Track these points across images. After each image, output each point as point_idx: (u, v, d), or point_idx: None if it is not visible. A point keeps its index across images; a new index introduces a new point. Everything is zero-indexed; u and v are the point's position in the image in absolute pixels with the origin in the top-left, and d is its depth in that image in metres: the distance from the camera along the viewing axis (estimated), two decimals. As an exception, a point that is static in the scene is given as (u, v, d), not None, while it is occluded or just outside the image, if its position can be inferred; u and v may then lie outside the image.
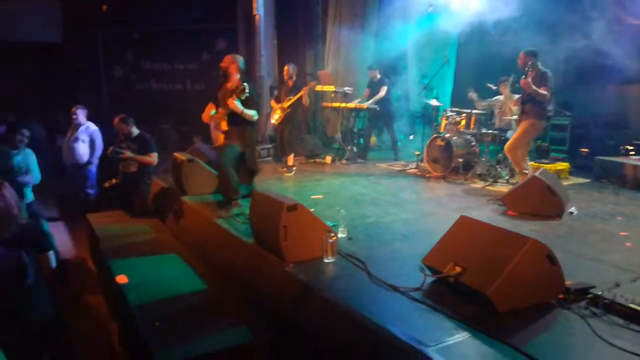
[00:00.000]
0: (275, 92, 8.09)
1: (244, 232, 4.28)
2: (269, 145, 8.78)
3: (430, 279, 3.08)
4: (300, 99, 7.25)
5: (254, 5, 9.71)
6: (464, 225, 3.29)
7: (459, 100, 7.88)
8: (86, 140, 7.02)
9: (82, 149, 7.00)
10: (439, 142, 6.75)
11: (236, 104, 4.82)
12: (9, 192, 2.88)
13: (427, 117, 8.01)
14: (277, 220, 3.49)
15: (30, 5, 12.27)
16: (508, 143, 5.87)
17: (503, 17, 6.41)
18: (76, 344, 3.86)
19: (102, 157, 7.11)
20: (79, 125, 7.07)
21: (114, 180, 6.34)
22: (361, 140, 8.52)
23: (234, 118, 4.93)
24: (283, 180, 6.78)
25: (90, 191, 7.14)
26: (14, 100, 10.85)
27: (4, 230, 2.80)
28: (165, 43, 12.28)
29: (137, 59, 13.00)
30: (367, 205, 5.23)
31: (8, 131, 5.59)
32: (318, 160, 8.40)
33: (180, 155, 5.97)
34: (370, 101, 8.05)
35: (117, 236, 5.10)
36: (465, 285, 2.85)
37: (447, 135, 6.79)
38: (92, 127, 7.13)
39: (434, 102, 7.62)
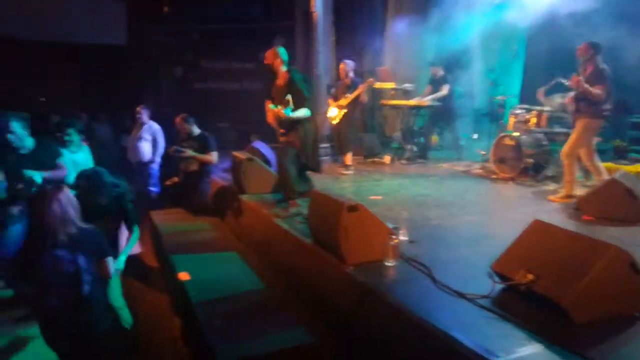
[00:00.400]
0: (332, 90, 8.00)
1: (303, 232, 4.22)
2: (327, 145, 8.70)
3: (499, 286, 2.90)
4: (358, 96, 7.11)
5: (312, 3, 9.67)
6: (538, 229, 3.06)
7: (528, 96, 7.45)
8: (149, 139, 7.24)
9: (145, 148, 7.22)
10: (507, 141, 6.40)
11: (284, 114, 4.76)
12: (65, 196, 2.91)
13: (494, 115, 7.64)
14: (337, 220, 3.40)
15: (96, 9, 12.86)
16: (564, 147, 5.41)
17: (578, 9, 5.98)
18: (140, 339, 3.97)
19: (164, 156, 7.31)
20: (142, 124, 7.30)
21: (175, 179, 6.47)
22: (422, 139, 8.26)
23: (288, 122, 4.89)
24: (341, 180, 6.69)
25: (153, 189, 7.36)
26: (81, 100, 11.40)
27: (61, 234, 2.82)
28: (223, 42, 12.53)
29: (196, 59, 13.34)
30: (429, 207, 5.03)
31: (54, 130, 5.76)
32: (376, 159, 8.24)
33: (240, 155, 6.01)
34: (432, 97, 7.79)
35: (179, 233, 5.19)
36: (538, 294, 2.66)
37: (515, 133, 6.43)
38: (155, 126, 7.34)
39: (501, 99, 7.26)
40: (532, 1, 6.70)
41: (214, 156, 6.18)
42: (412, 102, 7.91)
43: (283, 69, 4.97)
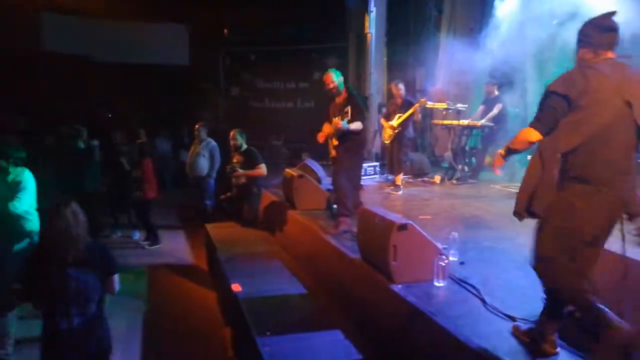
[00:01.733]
0: (384, 110, 8.06)
1: (351, 249, 4.27)
2: (375, 163, 8.75)
3: (553, 313, 2.82)
4: (410, 116, 7.12)
5: (366, 24, 9.84)
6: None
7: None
8: (207, 155, 7.55)
9: (203, 163, 7.54)
10: (561, 164, 6.22)
11: (342, 125, 4.87)
12: (72, 211, 2.70)
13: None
14: (386, 239, 3.43)
15: (161, 31, 13.65)
16: None
17: (640, 26, 5.76)
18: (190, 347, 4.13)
19: (220, 171, 7.60)
20: (201, 140, 7.63)
21: (229, 194, 6.84)
22: (473, 160, 8.14)
23: (341, 133, 4.99)
24: (390, 199, 6.69)
25: (208, 202, 7.64)
26: (145, 117, 12.02)
27: (68, 251, 2.64)
28: (279, 63, 12.91)
29: (252, 79, 13.82)
30: (480, 229, 4.95)
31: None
32: (426, 179, 8.19)
33: (291, 171, 6.16)
34: (485, 119, 7.69)
35: (232, 245, 5.37)
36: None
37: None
38: (212, 142, 7.65)
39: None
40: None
41: (262, 168, 6.47)
42: (465, 122, 7.83)
43: (341, 87, 5.09)
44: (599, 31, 2.45)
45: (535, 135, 2.58)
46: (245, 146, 6.71)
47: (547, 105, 2.48)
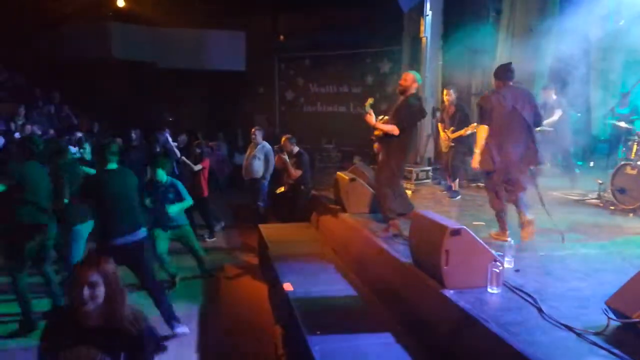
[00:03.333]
0: (438, 114, 7.96)
1: (402, 253, 4.26)
2: (428, 168, 8.64)
3: (614, 324, 2.71)
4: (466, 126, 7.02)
5: (421, 28, 9.75)
6: (662, 267, 2.84)
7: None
8: (262, 157, 7.75)
9: (258, 166, 7.74)
10: (629, 171, 5.89)
11: (370, 118, 4.95)
12: (111, 269, 2.06)
13: (614, 141, 7.08)
14: (438, 243, 3.41)
15: (220, 38, 14.14)
16: None
17: None
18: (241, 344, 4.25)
19: (274, 174, 7.80)
20: (256, 144, 7.84)
21: (282, 188, 7.36)
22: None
23: (383, 136, 5.01)
24: (443, 204, 6.60)
25: (262, 204, 7.84)
26: (203, 121, 12.49)
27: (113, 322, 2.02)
28: (332, 67, 13.02)
29: (306, 83, 14.02)
30: (537, 236, 4.78)
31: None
32: (480, 185, 7.99)
33: (343, 175, 6.22)
34: (545, 123, 7.41)
35: (284, 246, 5.48)
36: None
37: (639, 162, 5.92)
38: (267, 146, 7.84)
39: (623, 125, 6.71)
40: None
41: (297, 173, 7.09)
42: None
43: (409, 91, 5.06)
44: (505, 71, 4.69)
45: (485, 129, 4.56)
46: (296, 149, 7.20)
47: (483, 112, 4.58)
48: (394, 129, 4.85)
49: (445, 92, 7.31)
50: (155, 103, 12.95)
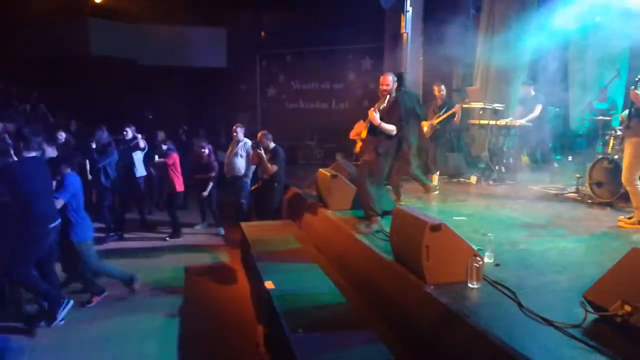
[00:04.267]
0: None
1: (384, 249, 4.27)
2: (411, 163, 8.67)
3: (592, 316, 2.75)
4: (450, 116, 7.09)
5: (402, 24, 9.77)
6: (637, 258, 2.87)
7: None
8: (244, 155, 7.70)
9: (240, 163, 7.69)
10: (606, 165, 6.00)
11: (375, 116, 4.89)
12: None
13: (592, 136, 7.19)
14: (419, 239, 3.42)
15: (201, 35, 13.99)
16: (623, 174, 5.00)
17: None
18: (223, 342, 4.21)
19: (255, 172, 7.75)
20: (238, 141, 7.77)
21: (257, 185, 7.32)
22: (510, 160, 7.96)
23: (373, 128, 5.00)
24: (424, 200, 6.62)
25: (244, 201, 7.78)
26: (184, 118, 12.35)
27: None
28: (314, 64, 12.98)
29: (288, 80, 13.95)
30: (517, 231, 4.85)
31: None
32: (462, 179, 8.07)
33: (325, 171, 6.20)
34: (524, 120, 7.51)
35: (266, 244, 5.45)
36: (635, 328, 2.49)
37: (615, 156, 6.02)
38: (249, 143, 7.78)
39: (601, 119, 6.82)
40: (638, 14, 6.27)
41: (273, 169, 6.98)
42: (502, 121, 7.67)
43: (392, 92, 5.12)
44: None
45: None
46: (272, 145, 7.11)
47: None
48: (391, 129, 4.90)
49: (436, 88, 7.40)
50: (135, 100, 12.76)
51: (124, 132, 7.73)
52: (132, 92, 12.89)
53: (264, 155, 6.94)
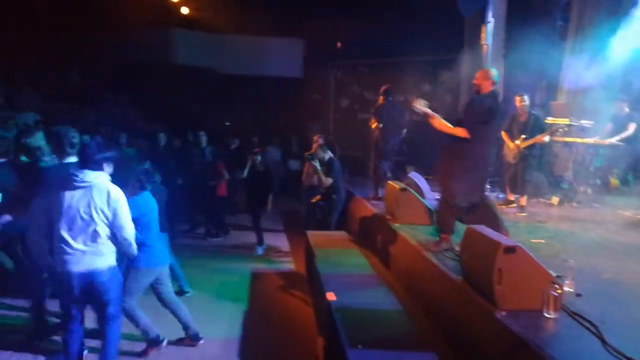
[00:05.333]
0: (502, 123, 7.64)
1: (453, 269, 4.08)
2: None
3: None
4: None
5: (482, 35, 9.45)
6: None
7: None
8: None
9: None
10: None
11: (434, 119, 4.56)
12: None
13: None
14: (491, 261, 3.22)
15: (278, 45, 14.36)
16: None
17: None
18: (282, 351, 4.20)
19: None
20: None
21: (318, 197, 7.18)
22: (598, 181, 7.37)
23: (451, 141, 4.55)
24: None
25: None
26: (258, 126, 12.67)
27: None
28: (389, 75, 12.80)
29: (361, 91, 13.92)
30: (602, 258, 4.46)
31: None
32: (542, 200, 7.58)
33: (394, 184, 6.08)
34: (615, 139, 6.94)
35: (330, 254, 5.39)
36: None
37: None
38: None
39: None
40: None
41: (327, 181, 6.74)
42: (590, 140, 7.13)
43: (487, 88, 4.54)
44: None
45: None
46: (328, 156, 6.96)
47: None
48: (462, 132, 4.38)
49: (518, 98, 6.95)
50: (213, 108, 13.32)
51: (199, 138, 8.05)
52: (210, 100, 13.47)
53: (318, 167, 6.82)
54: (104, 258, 3.35)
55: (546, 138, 6.73)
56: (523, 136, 6.70)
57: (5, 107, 9.24)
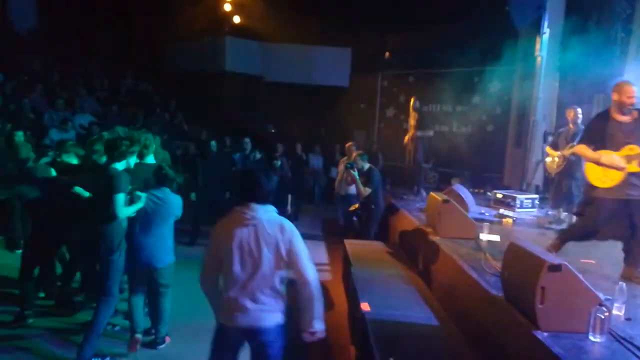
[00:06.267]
0: (551, 138, 7.33)
1: (493, 285, 3.90)
2: (534, 195, 7.98)
3: None
4: None
5: (537, 46, 9.15)
6: None
7: None
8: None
9: (355, 183, 7.67)
10: None
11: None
12: None
13: None
14: (534, 279, 3.06)
15: (325, 54, 14.46)
16: None
17: None
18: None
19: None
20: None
21: (356, 206, 7.21)
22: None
23: None
24: (547, 236, 6.00)
25: (355, 218, 7.73)
26: (303, 134, 12.76)
27: None
28: (437, 86, 12.61)
29: (408, 101, 13.73)
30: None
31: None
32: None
33: (437, 196, 5.93)
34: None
35: (367, 264, 5.32)
36: None
37: None
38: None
39: None
40: None
41: (366, 191, 6.77)
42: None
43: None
44: None
45: None
46: (367, 166, 6.96)
47: None
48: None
49: (571, 111, 6.66)
50: (260, 114, 13.54)
51: (244, 144, 8.18)
52: (256, 107, 13.71)
53: (357, 176, 6.80)
54: (273, 313, 2.87)
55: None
56: (570, 145, 6.38)
57: (64, 110, 9.72)
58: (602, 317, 2.88)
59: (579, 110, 6.65)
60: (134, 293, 4.20)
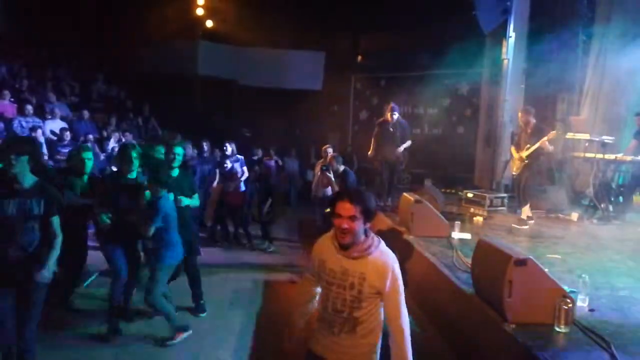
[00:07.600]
0: (515, 139, 7.58)
1: (465, 281, 4.04)
2: (503, 195, 8.22)
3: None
4: (540, 147, 6.60)
5: (503, 50, 9.43)
6: None
7: None
8: (331, 176, 7.74)
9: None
10: None
11: None
12: None
13: None
14: (501, 273, 3.20)
15: (299, 58, 14.53)
16: None
17: None
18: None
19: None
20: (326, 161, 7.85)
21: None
22: (620, 199, 7.23)
23: None
24: (515, 234, 6.22)
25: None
26: (277, 137, 12.78)
27: None
28: (409, 88, 12.85)
29: (381, 103, 13.93)
30: (618, 276, 4.37)
31: None
32: (561, 216, 7.47)
33: (409, 196, 6.07)
34: (640, 155, 6.81)
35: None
36: None
37: None
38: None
39: None
40: None
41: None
42: (611, 156, 7.01)
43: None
44: None
45: None
46: (342, 168, 7.08)
47: None
48: None
49: (520, 113, 6.92)
50: (235, 118, 13.51)
51: (224, 148, 8.12)
52: (231, 111, 13.67)
53: (332, 178, 6.91)
54: None
55: (550, 147, 6.64)
56: (527, 146, 6.63)
57: (34, 116, 9.51)
58: (566, 308, 3.03)
59: (526, 111, 6.81)
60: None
